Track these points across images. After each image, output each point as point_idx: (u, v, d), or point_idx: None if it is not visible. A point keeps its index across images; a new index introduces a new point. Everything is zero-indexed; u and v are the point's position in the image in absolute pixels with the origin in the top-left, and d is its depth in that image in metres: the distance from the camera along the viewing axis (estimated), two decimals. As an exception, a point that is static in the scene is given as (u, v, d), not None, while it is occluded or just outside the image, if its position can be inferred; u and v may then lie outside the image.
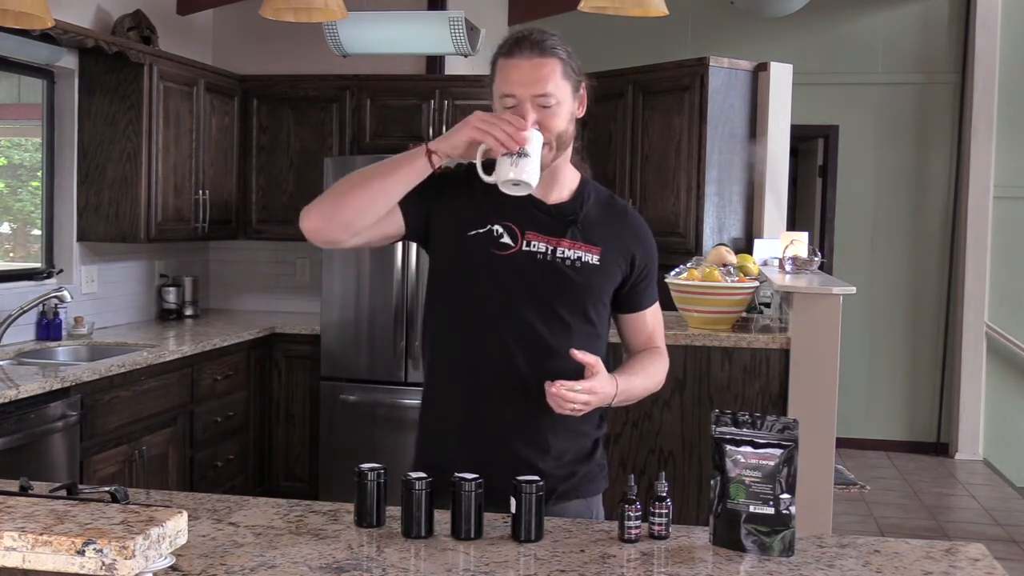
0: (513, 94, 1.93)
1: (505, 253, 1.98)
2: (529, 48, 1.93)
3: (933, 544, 1.80)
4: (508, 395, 2.00)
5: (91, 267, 4.95)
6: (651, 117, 5.37)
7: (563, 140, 1.97)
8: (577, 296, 2.01)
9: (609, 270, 2.04)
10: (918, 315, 7.34)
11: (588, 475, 2.09)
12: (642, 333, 2.14)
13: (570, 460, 2.06)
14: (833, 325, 3.89)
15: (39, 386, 3.50)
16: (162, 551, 1.32)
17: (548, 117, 1.93)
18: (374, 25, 5.16)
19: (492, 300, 2.00)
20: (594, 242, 2.03)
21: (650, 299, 2.14)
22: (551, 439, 2.02)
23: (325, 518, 1.86)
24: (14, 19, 2.88)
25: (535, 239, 2.00)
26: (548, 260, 1.99)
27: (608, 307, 2.08)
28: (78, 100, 4.80)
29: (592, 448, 2.10)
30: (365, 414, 5.10)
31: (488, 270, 1.99)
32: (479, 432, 2.02)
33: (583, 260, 2.01)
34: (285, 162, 5.70)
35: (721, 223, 5.26)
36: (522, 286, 1.99)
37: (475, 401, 2.02)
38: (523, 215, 2.00)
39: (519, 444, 2.00)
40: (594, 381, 1.90)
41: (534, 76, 1.92)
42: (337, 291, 5.19)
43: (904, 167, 7.33)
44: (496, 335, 1.99)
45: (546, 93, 1.92)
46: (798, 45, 7.12)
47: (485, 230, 1.99)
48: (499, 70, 1.96)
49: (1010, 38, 7.07)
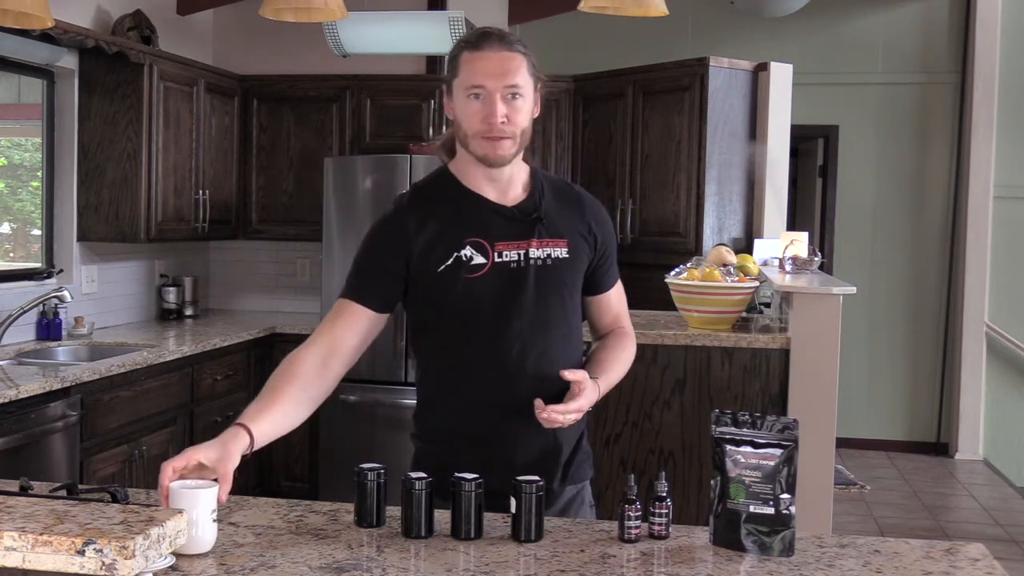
0: (483, 85, 1.92)
1: (477, 275, 1.98)
2: (497, 42, 1.95)
3: (933, 544, 1.80)
4: (504, 408, 2.00)
5: (91, 267, 4.95)
6: (651, 117, 5.38)
7: (524, 137, 1.98)
8: (556, 293, 2.03)
9: (577, 258, 2.06)
10: (918, 315, 7.34)
11: (577, 462, 2.11)
12: (608, 314, 2.16)
13: (571, 451, 2.09)
14: (833, 325, 3.89)
15: (39, 386, 3.49)
16: (162, 551, 1.32)
17: (515, 110, 1.94)
18: (374, 25, 5.16)
19: (474, 321, 2.00)
20: (559, 234, 2.03)
21: (613, 279, 2.16)
22: (562, 439, 2.04)
23: (325, 518, 1.86)
24: (14, 19, 2.88)
25: (505, 248, 1.99)
26: (521, 266, 2.00)
27: (578, 295, 2.10)
28: (78, 100, 4.80)
29: (579, 437, 2.13)
30: (365, 414, 5.10)
31: (464, 295, 1.98)
32: (479, 445, 2.02)
33: (553, 256, 2.02)
34: (285, 162, 5.70)
35: (721, 223, 5.26)
36: (502, 299, 1.99)
37: (473, 418, 2.03)
38: (490, 228, 1.99)
39: (521, 453, 2.01)
40: (581, 399, 1.93)
41: (503, 68, 1.93)
42: (337, 291, 5.14)
43: (904, 167, 7.33)
44: (487, 353, 2.00)
45: (515, 85, 1.93)
46: (798, 45, 7.12)
47: (452, 260, 1.97)
48: (464, 63, 1.95)
49: (1010, 38, 7.07)
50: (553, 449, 2.04)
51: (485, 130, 1.93)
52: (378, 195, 5.10)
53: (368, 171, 5.13)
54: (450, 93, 2.00)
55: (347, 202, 5.14)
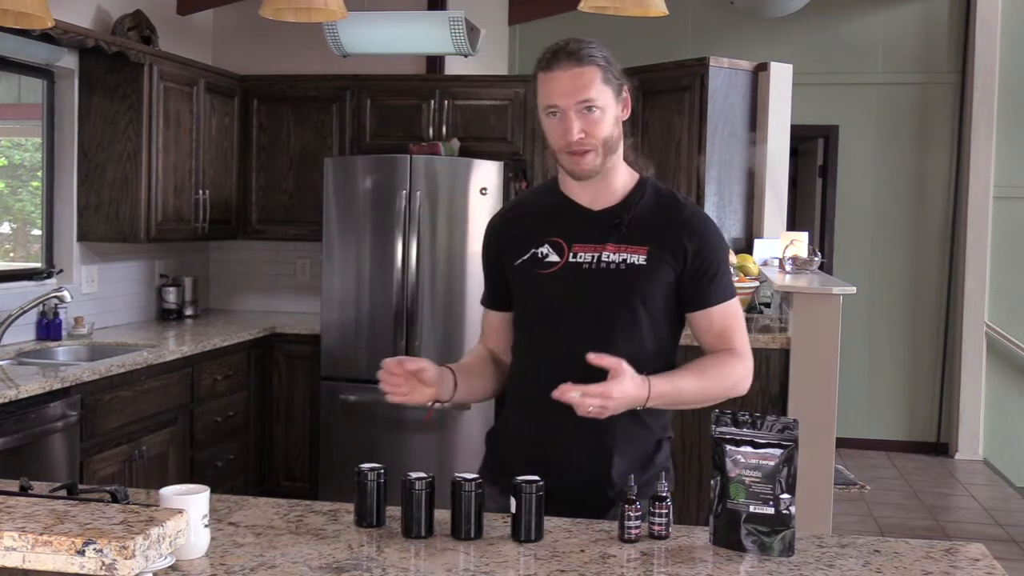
0: (556, 105, 1.97)
1: (550, 271, 2.05)
2: (566, 59, 1.96)
3: (933, 544, 1.81)
4: (557, 407, 1.92)
5: (91, 267, 4.95)
6: (651, 117, 5.37)
7: (609, 145, 1.99)
8: (624, 299, 2.01)
9: (657, 267, 2.01)
10: (918, 315, 7.34)
11: (650, 478, 2.00)
12: (709, 333, 2.07)
13: (632, 464, 2.03)
14: (833, 325, 3.89)
15: (39, 386, 3.49)
16: (162, 551, 1.32)
17: (592, 123, 1.96)
18: (374, 25, 5.16)
19: (544, 318, 2.08)
20: (640, 242, 2.02)
21: (716, 297, 2.06)
22: (611, 445, 2.02)
23: (325, 518, 1.86)
24: (14, 19, 2.88)
25: (581, 250, 2.04)
26: (593, 268, 2.02)
27: (667, 307, 2.05)
28: (78, 100, 4.80)
29: (655, 450, 2.09)
30: (365, 414, 5.10)
31: (537, 290, 2.07)
32: (542, 447, 2.04)
33: (628, 262, 2.01)
34: (285, 162, 5.70)
35: (721, 223, 5.26)
36: (571, 298, 2.03)
37: (537, 419, 2.05)
38: (570, 229, 2.06)
39: (583, 457, 2.02)
40: (611, 384, 1.84)
41: (574, 85, 1.95)
42: (337, 291, 5.18)
43: (904, 167, 7.33)
44: (550, 350, 2.05)
45: (587, 99, 1.95)
46: (798, 45, 7.12)
47: (528, 255, 2.07)
48: (540, 84, 2.00)
49: (1010, 38, 7.07)
50: (602, 456, 2.01)
51: (565, 146, 1.98)
52: (378, 195, 5.10)
53: (368, 171, 5.13)
54: (538, 112, 2.05)
55: (347, 202, 5.14)
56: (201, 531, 1.63)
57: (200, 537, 1.63)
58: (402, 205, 5.05)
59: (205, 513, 1.64)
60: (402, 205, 5.05)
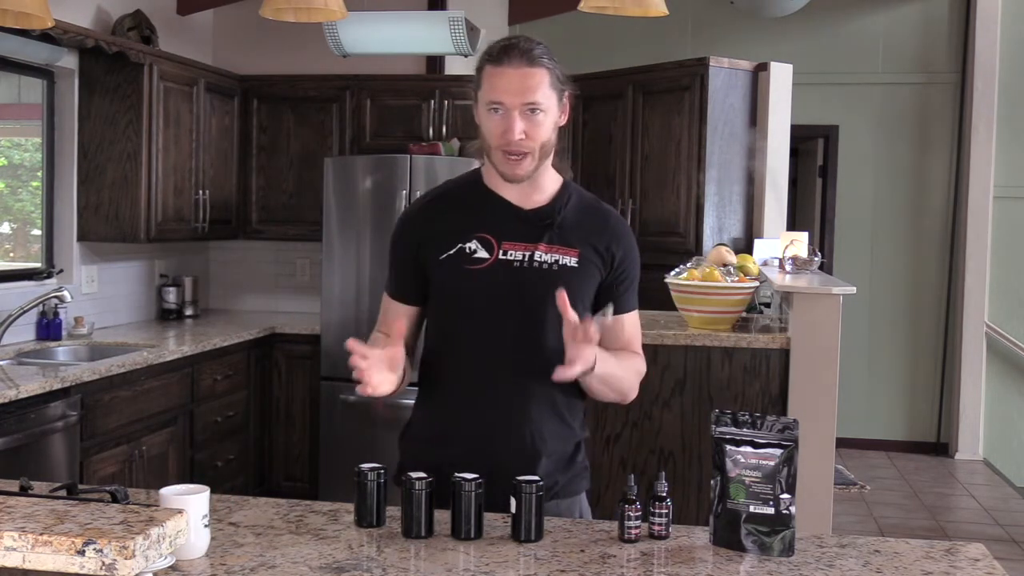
0: (501, 102, 1.94)
1: (478, 267, 2.00)
2: (518, 57, 1.94)
3: (933, 544, 1.81)
4: (495, 405, 2.01)
5: (91, 267, 4.95)
6: (651, 117, 5.37)
7: (546, 149, 1.99)
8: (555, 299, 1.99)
9: (587, 270, 2.04)
10: (918, 315, 7.34)
11: (573, 476, 2.10)
12: (618, 340, 2.10)
13: (557, 464, 2.05)
14: (833, 325, 3.89)
15: (39, 386, 3.49)
16: (162, 551, 1.32)
17: (534, 126, 1.95)
18: (374, 25, 5.16)
19: (470, 315, 2.03)
20: (571, 244, 2.03)
21: (629, 304, 2.12)
22: (540, 445, 2.03)
23: (325, 518, 1.86)
24: (14, 19, 2.88)
25: (511, 248, 2.01)
26: (525, 266, 2.00)
27: (590, 309, 2.05)
28: (78, 100, 4.80)
29: (575, 450, 2.11)
30: (365, 414, 5.10)
31: (463, 287, 2.01)
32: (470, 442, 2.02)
33: (560, 263, 2.01)
34: (285, 162, 5.70)
35: (721, 223, 5.26)
36: (500, 296, 2.00)
37: (463, 419, 2.03)
38: (500, 226, 2.02)
39: (510, 454, 2.00)
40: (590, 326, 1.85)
41: (522, 85, 1.93)
42: (337, 291, 5.18)
43: (904, 167, 7.33)
44: (477, 347, 2.02)
45: (534, 102, 1.94)
46: (798, 45, 7.12)
47: (455, 250, 2.01)
48: (486, 77, 1.97)
49: (1010, 38, 7.07)
50: (530, 454, 2.01)
51: (503, 145, 1.96)
52: (378, 195, 5.10)
53: (368, 171, 5.13)
54: (476, 102, 2.02)
55: (347, 202, 5.14)
56: (201, 531, 1.63)
57: (200, 537, 1.63)
58: (402, 205, 5.04)
59: (205, 513, 1.64)
60: (402, 205, 5.04)
